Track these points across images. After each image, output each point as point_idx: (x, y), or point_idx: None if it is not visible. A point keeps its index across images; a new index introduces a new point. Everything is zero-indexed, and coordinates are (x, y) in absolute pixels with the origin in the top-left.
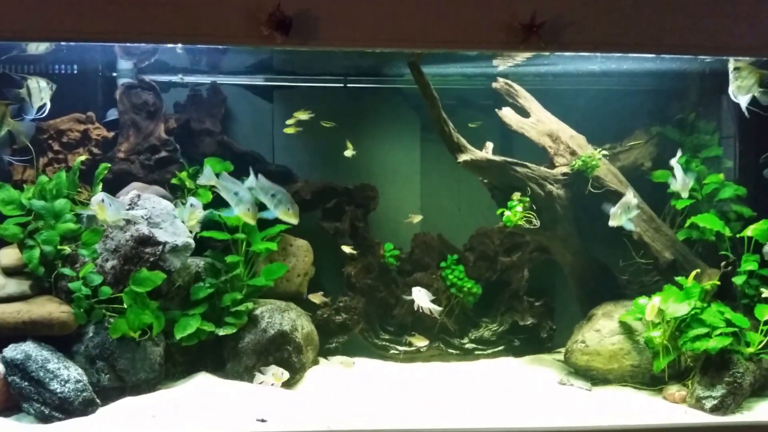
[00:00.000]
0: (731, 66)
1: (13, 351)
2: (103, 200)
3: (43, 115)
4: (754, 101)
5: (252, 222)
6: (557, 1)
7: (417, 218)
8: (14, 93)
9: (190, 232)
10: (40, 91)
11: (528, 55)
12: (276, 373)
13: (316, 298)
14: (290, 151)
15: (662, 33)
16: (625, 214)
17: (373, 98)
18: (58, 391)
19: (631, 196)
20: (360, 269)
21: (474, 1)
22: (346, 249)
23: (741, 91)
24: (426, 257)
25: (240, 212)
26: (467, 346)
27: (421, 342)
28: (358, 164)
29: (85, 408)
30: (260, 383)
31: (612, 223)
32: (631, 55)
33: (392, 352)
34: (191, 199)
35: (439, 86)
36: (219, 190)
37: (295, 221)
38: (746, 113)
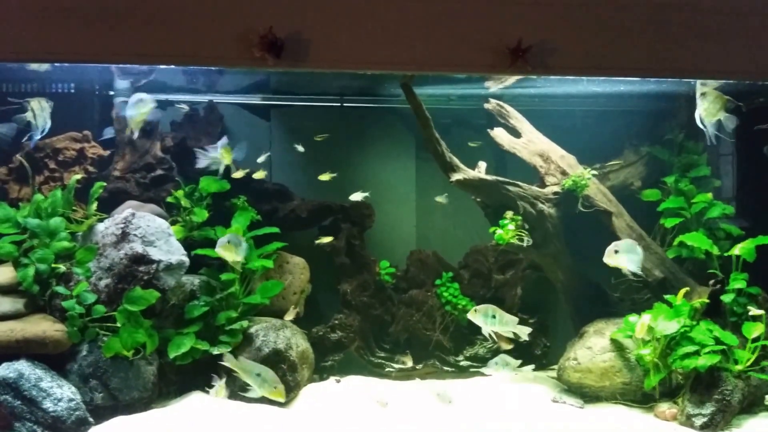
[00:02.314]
0: (698, 91)
1: (6, 369)
2: None
3: (45, 134)
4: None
5: (282, 399)
6: (543, 26)
7: (442, 199)
8: (19, 118)
9: (134, 130)
10: (42, 111)
11: (518, 77)
12: (221, 386)
13: (290, 314)
14: (287, 169)
15: (645, 56)
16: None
17: (368, 118)
18: (51, 409)
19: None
20: (356, 287)
21: (462, 25)
22: (324, 240)
23: (708, 116)
24: (421, 275)
25: (267, 393)
26: (462, 363)
27: (408, 362)
28: (354, 183)
29: (78, 427)
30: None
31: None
32: (615, 78)
33: (387, 369)
34: (139, 94)
35: (433, 107)
36: (239, 374)
37: (282, 399)
38: (713, 139)
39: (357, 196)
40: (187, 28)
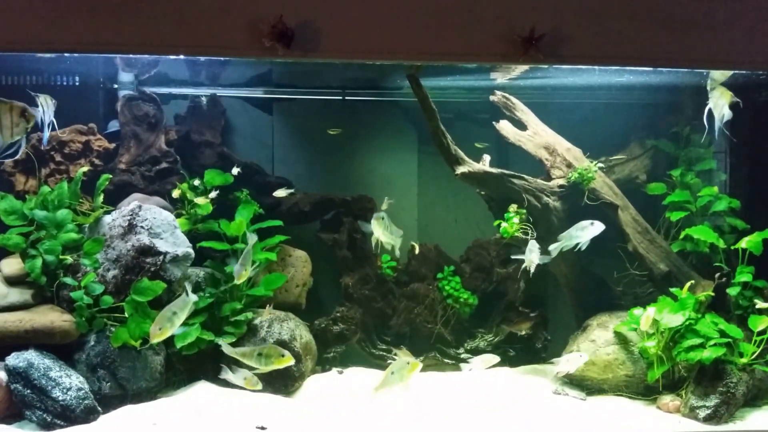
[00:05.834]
0: (709, 85)
1: (15, 359)
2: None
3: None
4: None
5: (292, 362)
6: (555, 15)
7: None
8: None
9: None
10: (48, 108)
11: (525, 68)
12: (248, 379)
13: (265, 313)
14: (289, 162)
15: (659, 46)
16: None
17: (371, 111)
18: (60, 398)
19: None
20: (357, 280)
21: (473, 14)
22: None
23: (717, 110)
24: (423, 268)
25: (278, 364)
26: (463, 356)
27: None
28: (355, 176)
29: (87, 416)
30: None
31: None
32: (627, 68)
33: (389, 362)
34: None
35: (438, 99)
36: (241, 360)
37: (292, 362)
38: (716, 133)
39: (281, 193)
40: (197, 18)
